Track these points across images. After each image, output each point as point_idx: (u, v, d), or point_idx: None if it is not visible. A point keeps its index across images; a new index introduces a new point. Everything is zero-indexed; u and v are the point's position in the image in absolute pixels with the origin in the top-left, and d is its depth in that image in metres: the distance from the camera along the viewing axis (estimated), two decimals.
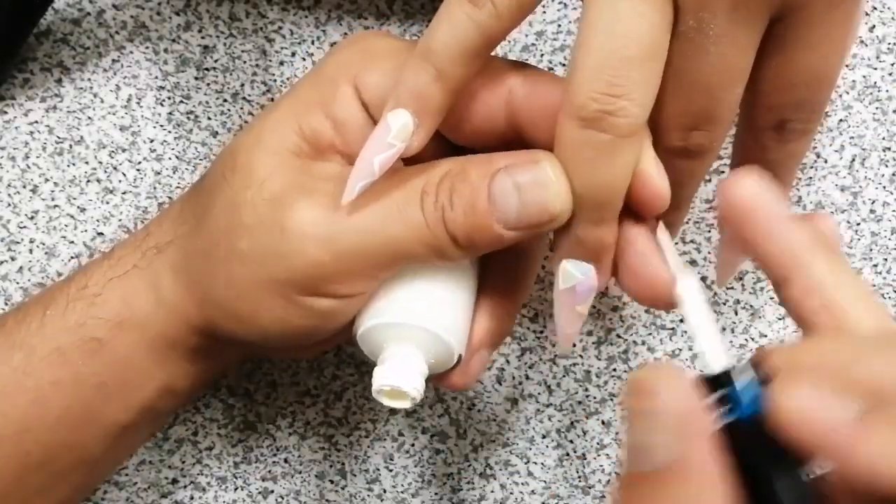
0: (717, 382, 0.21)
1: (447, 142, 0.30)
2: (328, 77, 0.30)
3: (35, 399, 0.31)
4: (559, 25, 0.40)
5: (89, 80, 0.40)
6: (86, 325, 0.31)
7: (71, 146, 0.40)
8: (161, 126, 0.41)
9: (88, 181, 0.41)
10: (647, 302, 0.28)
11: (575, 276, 0.27)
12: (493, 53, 0.29)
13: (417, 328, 0.29)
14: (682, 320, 0.42)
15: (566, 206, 0.27)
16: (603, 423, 0.44)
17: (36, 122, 0.40)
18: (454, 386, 0.32)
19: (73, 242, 0.41)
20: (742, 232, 0.25)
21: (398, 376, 0.29)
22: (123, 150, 0.41)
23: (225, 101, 0.40)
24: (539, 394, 0.44)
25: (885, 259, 0.42)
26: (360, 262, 0.28)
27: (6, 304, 0.41)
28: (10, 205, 0.41)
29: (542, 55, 0.40)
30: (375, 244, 0.28)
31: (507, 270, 0.32)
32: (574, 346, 0.43)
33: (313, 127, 0.29)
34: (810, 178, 0.41)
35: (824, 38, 0.27)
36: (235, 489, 0.45)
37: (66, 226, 0.41)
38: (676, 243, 0.40)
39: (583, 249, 0.28)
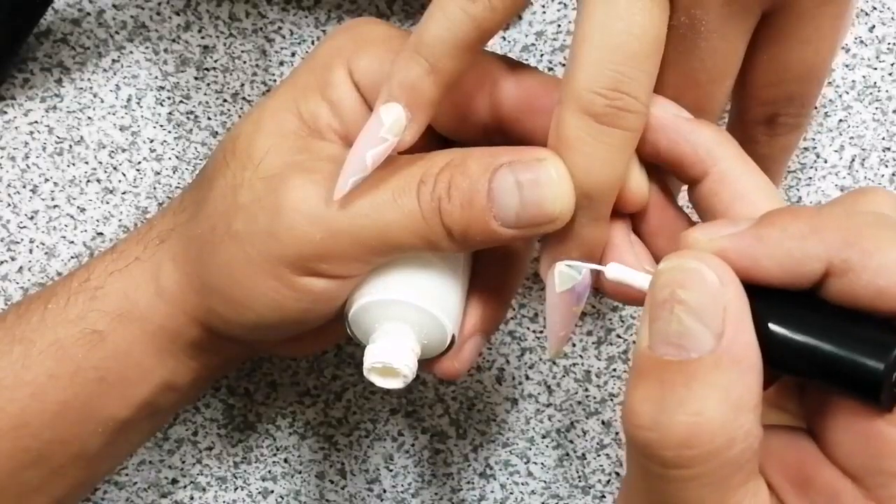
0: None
1: (437, 135, 0.30)
2: (323, 62, 0.30)
3: (33, 393, 0.30)
4: (559, 25, 0.40)
5: (89, 80, 0.40)
6: (86, 317, 0.31)
7: (71, 146, 0.40)
8: (161, 126, 0.41)
9: (88, 181, 0.41)
10: (620, 297, 0.28)
11: (573, 277, 0.27)
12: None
13: (410, 305, 0.29)
14: None
15: (568, 207, 0.26)
16: (603, 423, 0.44)
17: (36, 122, 0.40)
18: (447, 372, 0.31)
19: (73, 242, 0.41)
20: (657, 141, 0.26)
21: (390, 354, 0.28)
22: (123, 150, 0.41)
23: (225, 101, 0.40)
24: (539, 394, 0.44)
25: None
26: (352, 244, 0.28)
27: (6, 303, 0.41)
28: (10, 205, 0.41)
29: (541, 55, 0.40)
30: (367, 228, 0.27)
31: (499, 257, 0.32)
32: (566, 352, 0.43)
33: (311, 110, 0.29)
34: (810, 178, 0.41)
35: (816, 33, 0.27)
36: (235, 489, 0.45)
37: (66, 226, 0.41)
38: None
39: (581, 248, 0.27)
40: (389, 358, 0.28)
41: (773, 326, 0.21)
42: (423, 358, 0.30)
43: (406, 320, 0.29)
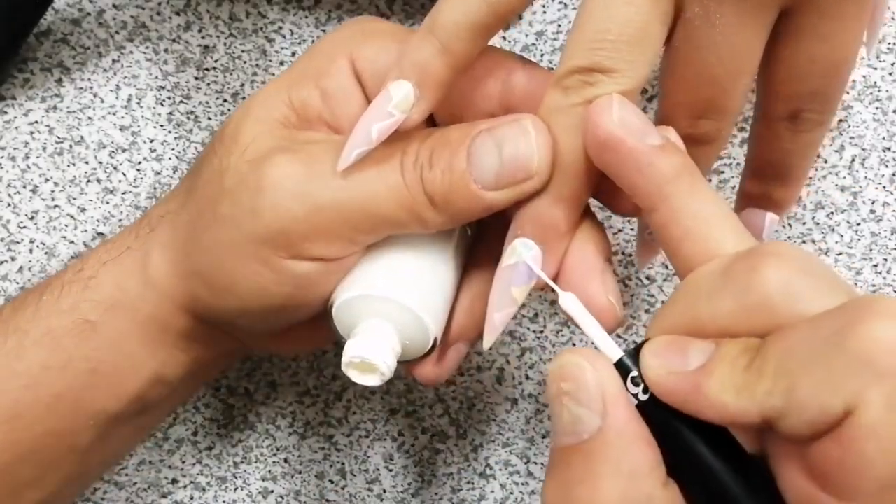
0: (624, 367, 0.23)
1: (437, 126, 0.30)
2: (324, 52, 0.30)
3: (26, 384, 0.31)
4: (559, 25, 0.40)
5: (89, 80, 0.40)
6: (79, 307, 0.31)
7: (71, 146, 0.40)
8: (161, 126, 0.41)
9: (88, 181, 0.41)
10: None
11: (520, 255, 0.27)
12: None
13: (395, 303, 0.28)
14: None
15: (544, 162, 0.27)
16: None
17: (36, 122, 0.40)
18: (426, 377, 0.31)
19: (73, 242, 0.41)
20: (609, 165, 0.25)
21: (369, 349, 0.28)
22: (123, 150, 0.41)
23: (225, 101, 0.40)
24: (539, 394, 0.44)
25: (885, 259, 0.42)
26: (335, 219, 0.28)
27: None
28: (10, 205, 0.41)
29: (542, 55, 0.40)
30: (351, 201, 0.27)
31: (491, 267, 0.32)
32: (492, 346, 0.43)
33: (302, 98, 0.29)
34: (810, 177, 0.41)
35: (838, 29, 0.27)
36: (235, 489, 0.45)
37: (66, 226, 0.41)
38: None
39: (535, 224, 0.27)
40: (368, 353, 0.28)
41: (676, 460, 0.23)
42: (404, 359, 0.30)
43: (389, 318, 0.29)
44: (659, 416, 0.23)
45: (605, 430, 0.22)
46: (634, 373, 0.23)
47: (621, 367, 0.23)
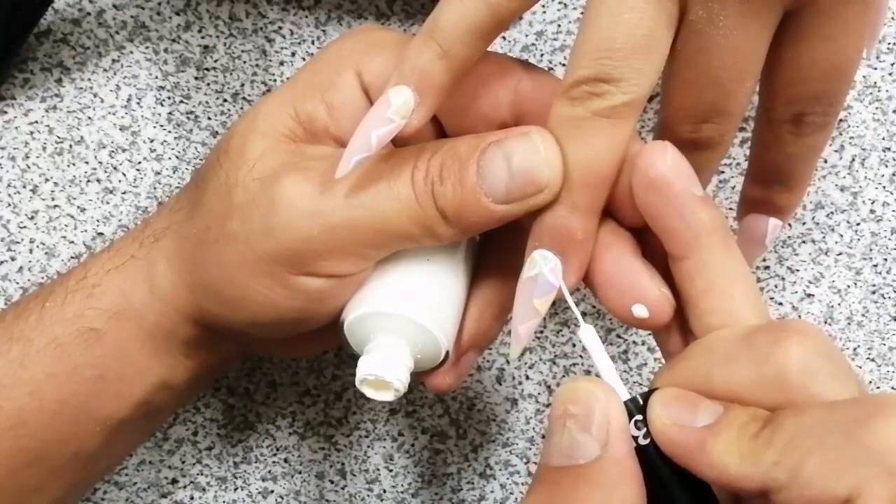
0: (630, 409, 0.24)
1: (445, 135, 0.30)
2: (329, 64, 0.30)
3: (31, 392, 0.31)
4: (559, 25, 0.40)
5: (89, 80, 0.40)
6: (83, 316, 0.31)
7: (71, 146, 0.40)
8: (161, 126, 0.41)
9: (88, 181, 0.41)
10: (624, 314, 0.27)
11: (540, 266, 0.27)
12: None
13: (406, 320, 0.29)
14: None
15: (556, 175, 0.26)
16: None
17: (36, 122, 0.40)
18: (439, 386, 0.31)
19: (73, 242, 0.41)
20: (652, 205, 0.26)
21: (383, 366, 0.28)
22: (123, 150, 0.41)
23: (225, 101, 0.40)
24: (539, 394, 0.44)
25: (885, 259, 0.42)
26: (349, 237, 0.28)
27: (6, 303, 0.41)
28: (10, 205, 0.41)
29: (541, 55, 0.40)
30: (364, 219, 0.27)
31: (497, 274, 0.32)
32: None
33: (308, 111, 0.29)
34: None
35: (841, 30, 0.27)
36: (235, 489, 0.45)
37: (66, 226, 0.41)
38: None
39: (552, 236, 0.27)
40: (382, 371, 0.28)
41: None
42: (416, 371, 0.30)
43: (401, 334, 0.29)
44: (652, 463, 0.23)
45: (603, 459, 0.23)
46: (639, 417, 0.24)
47: (627, 408, 0.24)
